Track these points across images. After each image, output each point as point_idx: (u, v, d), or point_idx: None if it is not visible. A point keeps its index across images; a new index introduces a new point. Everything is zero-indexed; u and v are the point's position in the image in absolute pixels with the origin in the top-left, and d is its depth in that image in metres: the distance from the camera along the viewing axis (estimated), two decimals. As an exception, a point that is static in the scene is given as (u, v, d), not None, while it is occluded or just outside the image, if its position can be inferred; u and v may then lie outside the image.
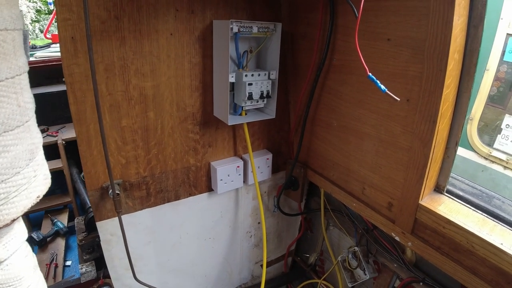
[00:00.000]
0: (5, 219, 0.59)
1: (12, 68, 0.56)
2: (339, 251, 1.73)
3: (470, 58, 0.96)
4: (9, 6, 0.55)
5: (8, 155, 0.56)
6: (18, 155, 0.58)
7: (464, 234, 0.99)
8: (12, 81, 0.56)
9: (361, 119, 1.24)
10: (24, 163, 0.59)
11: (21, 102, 0.58)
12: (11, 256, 0.69)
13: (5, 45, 0.55)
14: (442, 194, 1.15)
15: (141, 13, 1.14)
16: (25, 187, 0.60)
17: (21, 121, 0.58)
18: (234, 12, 1.32)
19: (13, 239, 0.69)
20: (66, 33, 1.04)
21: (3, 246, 0.66)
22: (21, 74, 0.59)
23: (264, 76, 1.29)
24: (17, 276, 0.70)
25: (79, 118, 1.13)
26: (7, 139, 0.56)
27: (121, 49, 1.14)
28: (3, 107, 0.55)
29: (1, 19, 0.53)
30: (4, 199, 0.57)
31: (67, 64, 1.07)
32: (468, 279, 1.01)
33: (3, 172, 0.56)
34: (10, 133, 0.56)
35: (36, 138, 0.64)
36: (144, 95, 1.22)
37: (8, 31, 0.55)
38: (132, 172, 1.30)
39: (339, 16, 1.22)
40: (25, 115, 0.59)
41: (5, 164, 0.56)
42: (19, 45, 0.60)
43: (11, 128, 0.56)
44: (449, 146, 1.08)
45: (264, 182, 1.73)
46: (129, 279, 1.39)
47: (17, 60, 0.58)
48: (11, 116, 0.56)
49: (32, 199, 0.63)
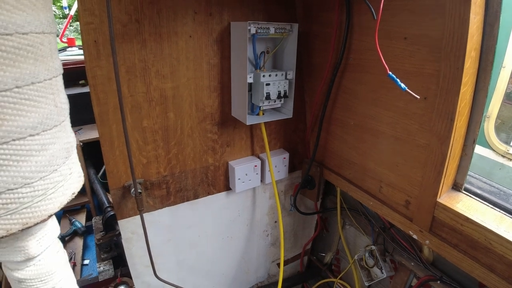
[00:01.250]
0: (43, 214, 0.61)
1: (50, 70, 0.59)
2: (356, 250, 1.73)
3: (486, 56, 0.96)
4: (45, 10, 0.58)
5: (47, 153, 0.59)
6: (56, 153, 0.61)
7: (481, 232, 0.99)
8: (50, 82, 0.59)
9: (377, 118, 1.25)
10: (61, 161, 0.62)
11: (58, 102, 0.61)
12: (44, 251, 0.72)
13: (43, 48, 0.57)
14: (460, 191, 1.15)
15: (161, 16, 1.17)
16: (62, 184, 0.63)
17: (58, 121, 0.61)
18: (251, 13, 1.34)
19: (47, 235, 0.72)
20: (89, 37, 1.08)
21: (37, 241, 0.69)
22: (57, 76, 0.62)
23: (281, 76, 1.31)
24: (49, 271, 0.73)
25: (102, 119, 1.17)
26: (46, 138, 0.59)
27: (142, 52, 1.17)
28: (41, 107, 0.57)
29: (39, 23, 0.56)
30: (42, 195, 0.60)
31: (90, 66, 1.10)
32: (485, 277, 1.01)
33: (42, 169, 0.59)
34: (48, 132, 0.59)
35: (71, 137, 0.67)
36: (164, 96, 1.25)
37: (45, 34, 0.58)
38: (153, 171, 1.33)
39: (355, 16, 1.23)
40: (61, 115, 0.62)
41: (44, 162, 0.59)
42: (54, 48, 0.63)
43: (49, 127, 0.59)
44: (467, 143, 1.09)
45: (281, 181, 1.75)
46: (149, 277, 1.43)
47: (53, 62, 0.61)
48: (49, 116, 0.59)
49: (68, 195, 0.66)
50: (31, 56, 0.54)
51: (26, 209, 0.57)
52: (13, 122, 0.52)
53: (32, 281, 0.69)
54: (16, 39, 0.51)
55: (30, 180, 0.56)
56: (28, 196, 0.57)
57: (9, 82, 0.51)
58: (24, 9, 0.52)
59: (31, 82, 0.54)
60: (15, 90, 0.52)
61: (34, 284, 0.70)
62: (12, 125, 0.52)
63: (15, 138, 0.53)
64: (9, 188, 0.54)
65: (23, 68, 0.53)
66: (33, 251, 0.67)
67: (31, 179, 0.57)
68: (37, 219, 0.60)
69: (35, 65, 0.54)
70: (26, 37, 0.53)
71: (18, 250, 0.65)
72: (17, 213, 0.56)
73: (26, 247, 0.65)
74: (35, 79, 0.55)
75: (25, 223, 0.58)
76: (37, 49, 0.55)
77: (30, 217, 0.58)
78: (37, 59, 0.55)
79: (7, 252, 0.65)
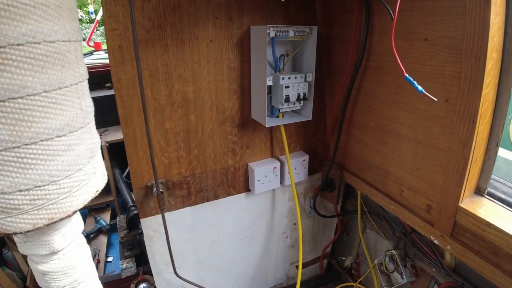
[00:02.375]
0: (68, 210, 0.65)
1: (75, 76, 0.63)
2: (376, 254, 1.71)
3: (508, 57, 0.94)
4: (71, 19, 0.62)
5: (72, 153, 0.63)
6: (81, 154, 0.65)
7: (504, 238, 0.96)
8: (76, 87, 0.63)
9: (399, 120, 1.24)
10: (85, 160, 0.66)
11: (83, 106, 0.64)
12: (68, 246, 0.75)
13: (69, 55, 0.61)
14: (483, 196, 1.12)
15: (183, 22, 1.20)
16: (86, 182, 0.67)
17: (83, 123, 0.64)
18: (270, 17, 1.36)
19: (71, 230, 0.75)
20: (114, 42, 1.12)
21: (61, 236, 0.73)
22: (83, 81, 0.65)
23: (300, 78, 1.32)
24: (72, 264, 0.77)
25: (126, 121, 1.21)
26: (72, 139, 0.62)
27: (165, 56, 1.21)
28: (68, 110, 0.61)
29: (65, 32, 0.60)
30: (67, 192, 0.64)
31: (115, 71, 1.15)
32: (508, 284, 0.98)
33: (68, 168, 0.63)
34: (74, 134, 0.63)
35: (95, 138, 0.71)
36: (186, 99, 1.28)
37: (71, 42, 0.62)
38: (174, 172, 1.37)
39: (375, 17, 1.23)
40: (86, 117, 0.66)
41: (70, 161, 0.63)
42: (80, 55, 0.66)
43: (75, 129, 0.63)
44: (490, 147, 1.06)
45: (301, 184, 1.75)
46: (169, 274, 1.46)
47: (79, 68, 0.65)
48: (75, 119, 0.63)
49: (92, 193, 0.69)
50: (58, 62, 0.57)
51: (52, 205, 0.61)
52: (42, 124, 0.56)
53: (55, 274, 0.73)
54: (44, 47, 0.55)
55: (56, 178, 0.60)
56: (54, 193, 0.60)
57: (37, 87, 0.54)
58: (51, 19, 0.55)
59: (58, 87, 0.57)
60: (43, 95, 0.55)
61: (57, 277, 0.73)
62: (41, 127, 0.56)
63: (43, 139, 0.57)
64: (37, 185, 0.58)
65: (51, 74, 0.56)
66: (58, 245, 0.70)
67: (58, 177, 0.60)
68: (62, 215, 0.63)
69: (62, 71, 0.58)
70: (53, 45, 0.56)
71: (43, 244, 0.69)
72: (43, 208, 0.60)
73: (51, 241, 0.69)
74: (62, 84, 0.58)
75: (50, 218, 0.61)
76: (63, 56, 0.58)
77: (55, 213, 0.62)
78: (63, 65, 0.58)
79: (33, 245, 0.69)
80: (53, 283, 0.76)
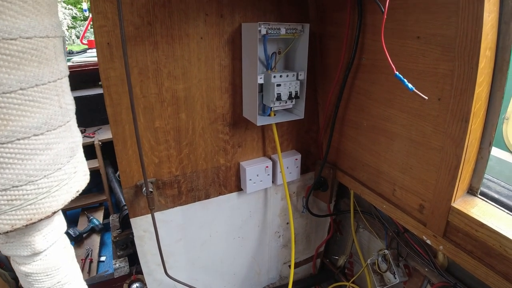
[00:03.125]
0: (47, 211, 0.63)
1: (54, 73, 0.61)
2: (369, 254, 1.70)
3: (502, 55, 0.93)
4: (49, 15, 0.60)
5: (51, 152, 0.61)
6: (60, 152, 0.63)
7: (497, 238, 0.95)
8: (54, 84, 0.61)
9: (391, 119, 1.23)
10: (65, 160, 0.64)
11: (62, 103, 0.62)
12: (50, 247, 0.74)
13: (47, 51, 0.59)
14: (476, 196, 1.11)
15: (173, 19, 1.18)
16: (66, 182, 0.65)
17: (62, 121, 0.63)
18: (262, 14, 1.34)
19: (53, 231, 0.74)
20: (102, 39, 1.10)
21: (43, 237, 0.71)
22: (62, 78, 0.63)
23: (292, 77, 1.30)
24: (55, 266, 0.75)
25: (115, 120, 1.19)
26: (50, 137, 0.61)
27: (154, 54, 1.19)
28: (46, 108, 0.59)
29: (43, 27, 0.58)
30: (46, 192, 0.62)
31: (103, 68, 1.13)
32: (500, 285, 0.97)
33: (46, 168, 0.61)
34: (52, 132, 0.61)
35: (76, 137, 0.69)
36: (176, 97, 1.27)
37: (49, 38, 0.60)
38: (164, 171, 1.35)
39: (368, 15, 1.21)
40: (66, 115, 0.64)
41: (48, 160, 0.61)
42: (60, 51, 0.64)
43: (53, 127, 0.61)
44: (483, 146, 1.05)
45: (293, 183, 1.74)
46: (160, 275, 1.45)
47: (58, 65, 0.63)
48: (54, 117, 0.61)
49: (72, 193, 0.67)
50: (35, 59, 0.55)
51: (30, 206, 0.59)
52: (18, 122, 0.54)
53: (38, 275, 0.71)
54: (21, 43, 0.53)
55: (34, 178, 0.58)
56: (32, 193, 0.58)
57: (13, 84, 0.52)
58: (28, 14, 0.53)
59: (35, 84, 0.55)
60: (20, 92, 0.53)
61: (40, 278, 0.72)
62: (17, 125, 0.54)
63: (20, 137, 0.55)
64: (14, 185, 0.56)
65: (27, 71, 0.54)
66: (40, 246, 0.69)
67: (36, 177, 0.58)
68: (41, 216, 0.62)
69: (39, 68, 0.56)
70: (30, 41, 0.54)
71: (25, 245, 0.67)
72: (21, 209, 0.58)
73: (33, 242, 0.67)
74: (39, 81, 0.56)
75: (29, 219, 0.60)
76: (41, 52, 0.56)
77: (34, 213, 0.60)
78: (41, 62, 0.56)
79: (14, 246, 0.67)
80: (36, 284, 0.74)
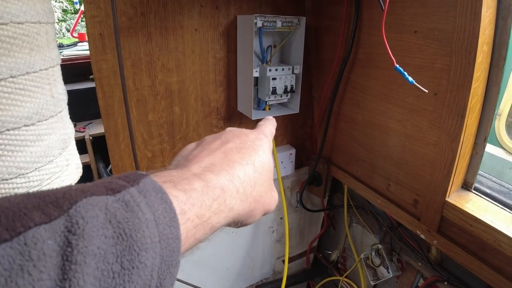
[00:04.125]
0: (39, 206, 0.61)
1: (46, 60, 0.59)
2: (362, 248, 1.70)
3: (499, 51, 0.93)
4: (42, 0, 0.58)
5: (42, 144, 0.59)
6: (51, 144, 0.60)
7: (491, 233, 0.96)
8: (46, 72, 0.59)
9: (387, 114, 1.22)
10: (57, 152, 0.62)
11: (54, 93, 0.60)
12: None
13: (39, 37, 0.57)
14: (470, 191, 1.12)
15: (167, 10, 1.16)
16: (58, 175, 0.63)
17: (54, 112, 0.60)
18: (258, 6, 1.32)
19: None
20: (94, 30, 1.07)
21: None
22: (54, 66, 0.61)
23: (288, 70, 1.29)
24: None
25: (107, 113, 1.17)
26: (41, 128, 0.58)
27: (148, 45, 1.16)
28: (37, 97, 0.57)
29: (35, 12, 0.55)
30: (37, 186, 0.60)
31: (95, 60, 1.10)
32: (494, 279, 0.97)
33: (37, 160, 0.58)
34: (44, 123, 0.59)
35: (68, 128, 0.67)
36: (169, 90, 1.24)
37: (41, 24, 0.58)
38: (158, 165, 1.33)
39: (364, 9, 1.20)
40: (58, 105, 0.61)
41: (39, 152, 0.59)
42: (52, 38, 0.62)
43: (45, 118, 0.58)
44: (478, 141, 1.05)
45: (287, 178, 1.73)
46: (154, 271, 1.43)
47: (50, 52, 0.60)
48: (45, 106, 0.58)
49: (65, 187, 0.65)
50: (26, 45, 0.53)
51: (20, 200, 0.57)
52: (8, 112, 0.52)
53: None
54: (11, 28, 0.51)
55: (24, 171, 0.56)
56: (22, 187, 0.56)
57: (3, 72, 0.50)
58: (20, -2, 0.51)
59: (26, 72, 0.53)
60: (10, 80, 0.51)
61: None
62: (7, 115, 0.52)
63: (9, 128, 0.52)
64: (4, 178, 0.53)
65: (18, 58, 0.52)
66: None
67: (26, 169, 0.56)
68: (33, 211, 0.59)
69: (30, 55, 0.54)
70: (22, 26, 0.52)
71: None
72: (11, 204, 0.56)
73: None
74: (30, 69, 0.54)
75: (20, 214, 0.57)
76: (32, 38, 0.54)
77: (25, 208, 0.58)
78: (32, 48, 0.54)
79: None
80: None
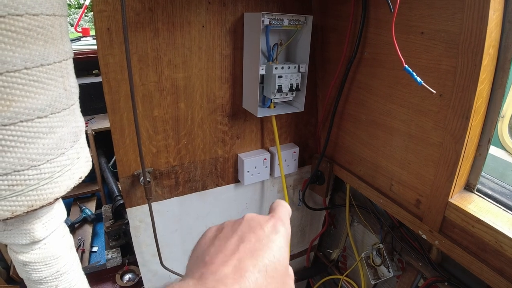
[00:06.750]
0: (49, 197, 0.61)
1: (60, 53, 0.59)
2: (363, 247, 1.71)
3: (505, 54, 0.93)
4: (56, -8, 0.58)
5: (54, 136, 0.59)
6: (63, 137, 0.61)
7: (493, 234, 0.96)
8: (59, 65, 0.59)
9: (391, 114, 1.23)
10: (68, 144, 0.62)
11: (67, 86, 0.61)
12: (50, 235, 0.72)
13: (53, 30, 0.57)
14: (473, 192, 1.12)
15: (174, 5, 1.16)
16: (69, 168, 0.63)
17: (67, 104, 0.61)
18: (265, 4, 1.32)
19: (53, 219, 0.72)
20: (102, 24, 1.07)
21: (42, 225, 0.69)
22: (67, 59, 0.62)
23: (294, 69, 1.29)
24: (54, 254, 0.73)
25: (113, 108, 1.17)
26: (54, 120, 0.59)
27: (155, 41, 1.17)
28: (50, 89, 0.57)
29: (50, 5, 0.56)
30: (49, 178, 0.60)
31: (102, 54, 1.10)
32: (495, 280, 0.98)
33: (49, 152, 0.59)
34: (56, 115, 0.59)
35: (79, 121, 0.67)
36: (175, 86, 1.25)
37: (56, 17, 0.58)
38: (162, 161, 1.33)
39: (371, 9, 1.21)
40: (70, 98, 0.62)
41: (51, 144, 0.59)
42: (65, 31, 0.62)
43: (57, 110, 0.59)
44: (482, 143, 1.05)
45: (290, 176, 1.73)
46: (155, 265, 1.44)
47: (64, 45, 0.61)
48: (58, 99, 0.59)
49: (75, 179, 0.66)
50: (41, 37, 0.53)
51: (32, 192, 0.57)
52: (21, 103, 0.52)
53: (36, 264, 0.69)
54: (27, 20, 0.51)
55: (37, 163, 0.56)
56: (34, 179, 0.57)
57: (18, 63, 0.51)
58: (35, -11, 0.52)
59: (40, 64, 0.54)
60: (24, 71, 0.51)
61: (38, 267, 0.70)
62: (20, 107, 0.52)
63: (23, 119, 0.53)
64: (16, 169, 0.54)
65: (33, 50, 0.52)
66: (39, 235, 0.67)
67: (38, 161, 0.57)
68: (43, 202, 0.60)
69: (45, 47, 0.54)
70: (37, 18, 0.52)
71: (24, 233, 0.65)
72: (23, 195, 0.56)
73: (32, 230, 0.65)
74: (45, 61, 0.54)
75: (30, 205, 0.58)
76: (47, 30, 0.54)
77: (35, 200, 0.58)
78: (47, 41, 0.55)
79: (13, 234, 0.65)
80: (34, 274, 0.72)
